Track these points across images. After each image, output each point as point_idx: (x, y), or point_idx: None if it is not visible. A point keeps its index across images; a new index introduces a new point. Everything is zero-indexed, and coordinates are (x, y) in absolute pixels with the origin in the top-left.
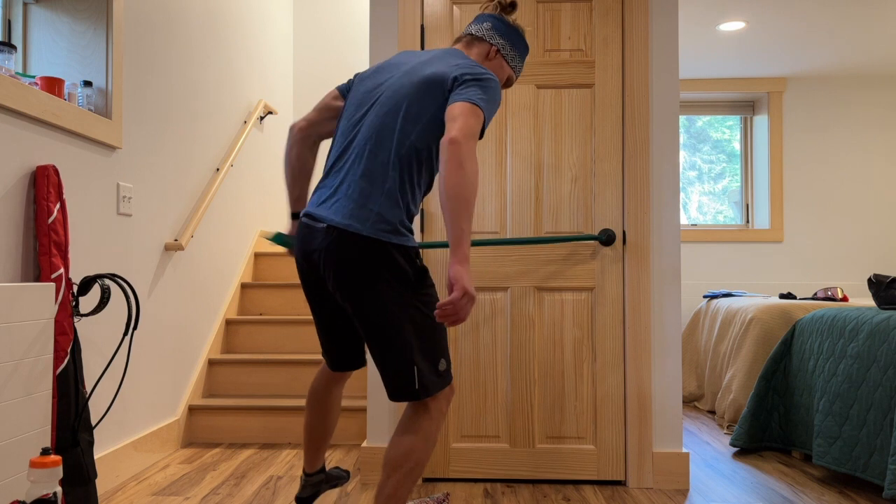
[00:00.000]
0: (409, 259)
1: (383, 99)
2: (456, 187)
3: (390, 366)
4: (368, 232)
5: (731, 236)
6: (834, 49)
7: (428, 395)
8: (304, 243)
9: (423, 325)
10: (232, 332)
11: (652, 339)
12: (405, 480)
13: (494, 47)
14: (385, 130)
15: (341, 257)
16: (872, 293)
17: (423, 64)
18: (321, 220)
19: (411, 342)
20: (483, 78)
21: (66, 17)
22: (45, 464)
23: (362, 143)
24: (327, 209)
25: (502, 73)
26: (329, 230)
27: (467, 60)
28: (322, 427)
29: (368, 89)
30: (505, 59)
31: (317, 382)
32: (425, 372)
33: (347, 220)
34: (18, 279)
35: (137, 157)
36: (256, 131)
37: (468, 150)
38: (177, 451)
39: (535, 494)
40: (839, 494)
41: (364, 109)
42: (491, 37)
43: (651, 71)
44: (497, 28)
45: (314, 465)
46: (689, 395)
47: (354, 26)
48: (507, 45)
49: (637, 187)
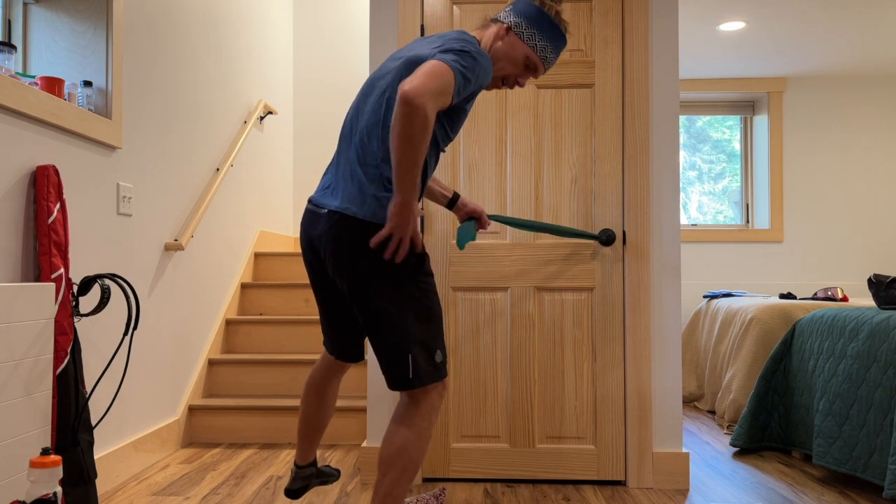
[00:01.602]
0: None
1: (378, 90)
2: (398, 145)
3: (387, 351)
4: (365, 216)
5: (731, 236)
6: (834, 49)
7: (422, 384)
8: (308, 228)
9: (420, 313)
10: (232, 332)
11: (652, 339)
12: (401, 478)
13: (505, 25)
14: (373, 117)
15: (340, 241)
16: (872, 293)
17: (413, 47)
18: (323, 206)
19: (408, 328)
20: (462, 49)
21: (66, 17)
22: (45, 464)
23: (357, 132)
24: (328, 196)
25: (514, 51)
26: (330, 214)
27: (458, 33)
28: (317, 418)
29: (370, 82)
30: (519, 36)
31: (315, 372)
32: (420, 361)
33: (346, 205)
34: (18, 279)
35: (137, 157)
36: (256, 131)
37: (417, 106)
38: (177, 451)
39: (534, 494)
40: (839, 494)
41: (363, 100)
42: (506, 16)
43: (651, 71)
44: (517, 9)
45: (306, 458)
46: (689, 395)
47: (354, 26)
48: (523, 23)
49: (637, 187)
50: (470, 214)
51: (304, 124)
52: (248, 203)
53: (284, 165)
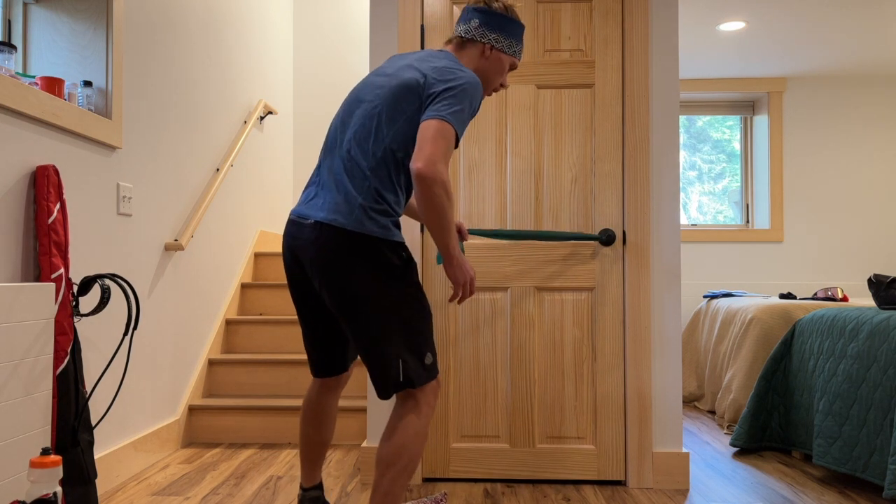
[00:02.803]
0: (395, 252)
1: (365, 105)
2: (426, 219)
3: (377, 361)
4: (353, 227)
5: (731, 236)
6: (834, 49)
7: (413, 386)
8: (292, 239)
9: (409, 319)
10: (232, 332)
11: (652, 339)
12: (399, 477)
13: (488, 45)
14: (363, 132)
15: (328, 252)
16: (872, 293)
17: (404, 68)
18: (307, 217)
19: (397, 337)
20: (456, 85)
21: (66, 16)
22: (45, 464)
23: (345, 146)
24: (313, 207)
25: (501, 65)
26: (315, 226)
27: (447, 62)
28: (317, 438)
29: (354, 96)
30: (502, 51)
31: (309, 398)
32: (411, 365)
33: (333, 216)
34: (18, 279)
35: (137, 157)
36: (256, 131)
37: (434, 180)
38: (177, 451)
39: (535, 494)
40: (839, 494)
41: (348, 114)
42: (482, 35)
43: (651, 71)
44: (486, 23)
45: (311, 480)
46: (689, 395)
47: (354, 26)
48: (501, 37)
49: (637, 187)
50: None
51: (304, 124)
52: (248, 203)
53: (284, 165)
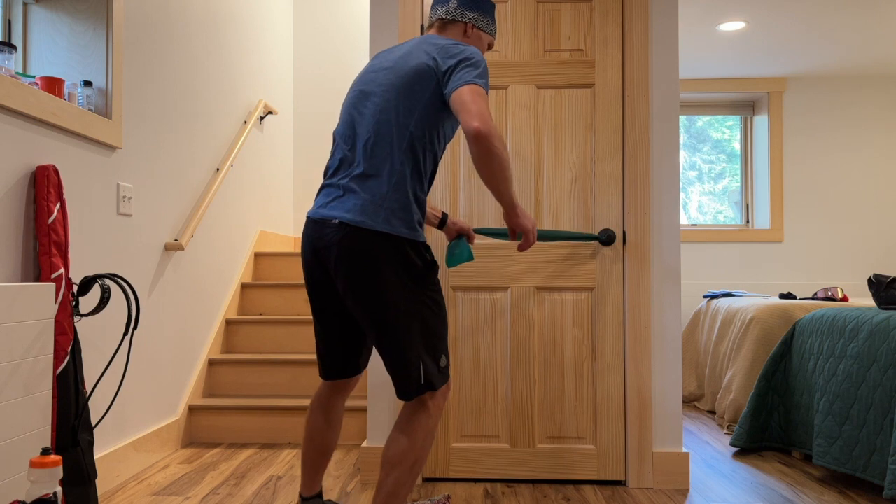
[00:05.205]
0: (419, 253)
1: (375, 98)
2: (491, 174)
3: (399, 363)
4: (382, 227)
5: (731, 236)
6: (834, 49)
7: (433, 389)
8: (315, 240)
9: (430, 322)
10: (232, 332)
11: (652, 339)
12: (405, 478)
13: (469, 24)
14: (383, 127)
15: (355, 253)
16: (872, 293)
17: (404, 57)
18: (331, 217)
19: (419, 339)
20: (468, 56)
21: (66, 16)
22: (45, 464)
23: (363, 144)
24: (336, 208)
25: (482, 43)
26: (341, 226)
27: (444, 41)
28: (323, 438)
29: (358, 91)
30: (481, 29)
31: (318, 394)
32: (430, 367)
33: (360, 217)
34: (18, 279)
35: (137, 157)
36: (256, 131)
37: (491, 133)
38: (177, 451)
39: (535, 494)
40: (839, 494)
41: (359, 112)
42: (461, 14)
43: (651, 71)
44: (463, 2)
45: (312, 488)
46: (689, 395)
47: (354, 26)
48: (479, 16)
49: (637, 187)
50: (459, 232)
51: (304, 124)
52: (248, 203)
53: (284, 165)
